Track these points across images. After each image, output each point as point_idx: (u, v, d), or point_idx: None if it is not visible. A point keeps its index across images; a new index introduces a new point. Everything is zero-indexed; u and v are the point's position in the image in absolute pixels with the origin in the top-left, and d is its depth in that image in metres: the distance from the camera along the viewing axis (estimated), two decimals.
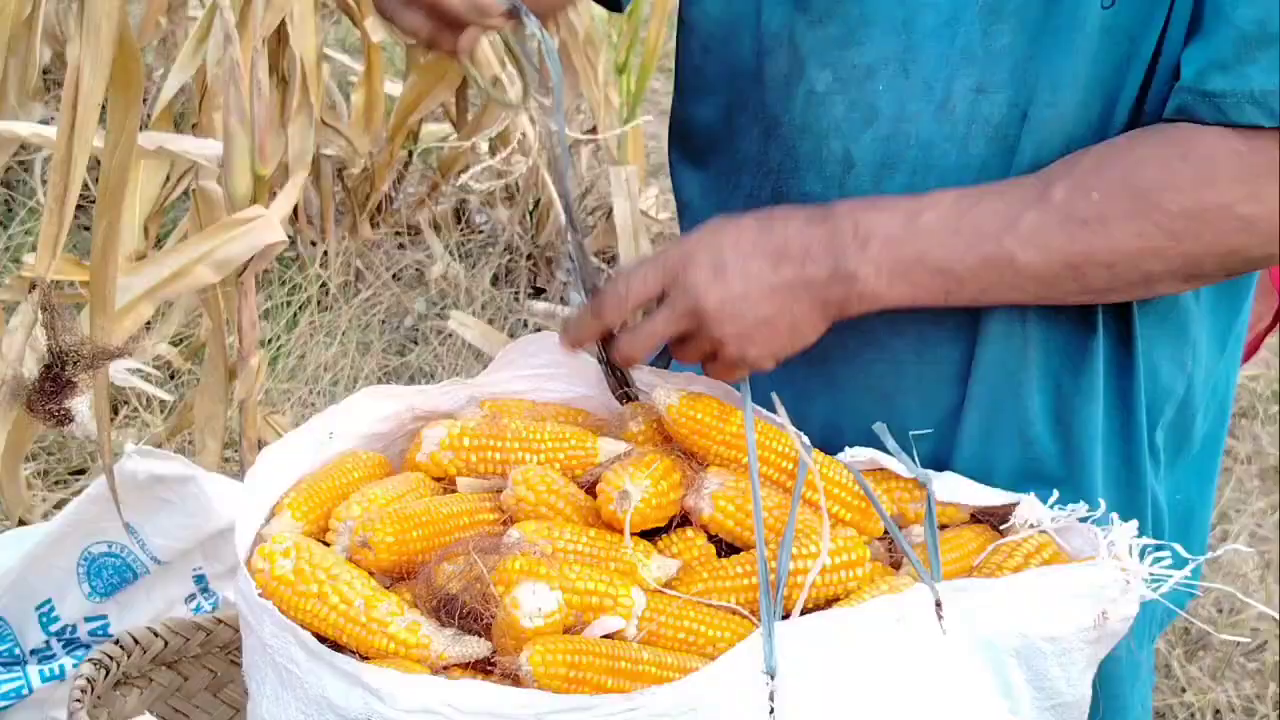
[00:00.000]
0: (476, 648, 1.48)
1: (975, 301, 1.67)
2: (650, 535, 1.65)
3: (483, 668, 1.49)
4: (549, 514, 1.63)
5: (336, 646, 1.48)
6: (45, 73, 4.71)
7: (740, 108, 1.80)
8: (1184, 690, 3.36)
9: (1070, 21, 1.60)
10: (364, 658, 1.48)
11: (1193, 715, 3.33)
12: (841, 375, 1.73)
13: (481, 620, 1.49)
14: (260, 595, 1.50)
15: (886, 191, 1.69)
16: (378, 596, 1.50)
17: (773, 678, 1.44)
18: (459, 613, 1.50)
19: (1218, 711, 3.34)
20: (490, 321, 4.55)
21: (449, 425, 1.74)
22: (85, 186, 4.31)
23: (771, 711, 1.44)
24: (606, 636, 1.51)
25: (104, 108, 2.01)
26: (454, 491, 1.71)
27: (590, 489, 1.67)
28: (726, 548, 1.65)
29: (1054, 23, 1.60)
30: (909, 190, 1.67)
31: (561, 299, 4.81)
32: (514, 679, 1.45)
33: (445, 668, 1.48)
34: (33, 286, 1.98)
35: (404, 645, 1.48)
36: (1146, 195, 1.57)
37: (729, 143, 1.83)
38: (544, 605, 1.46)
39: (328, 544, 1.60)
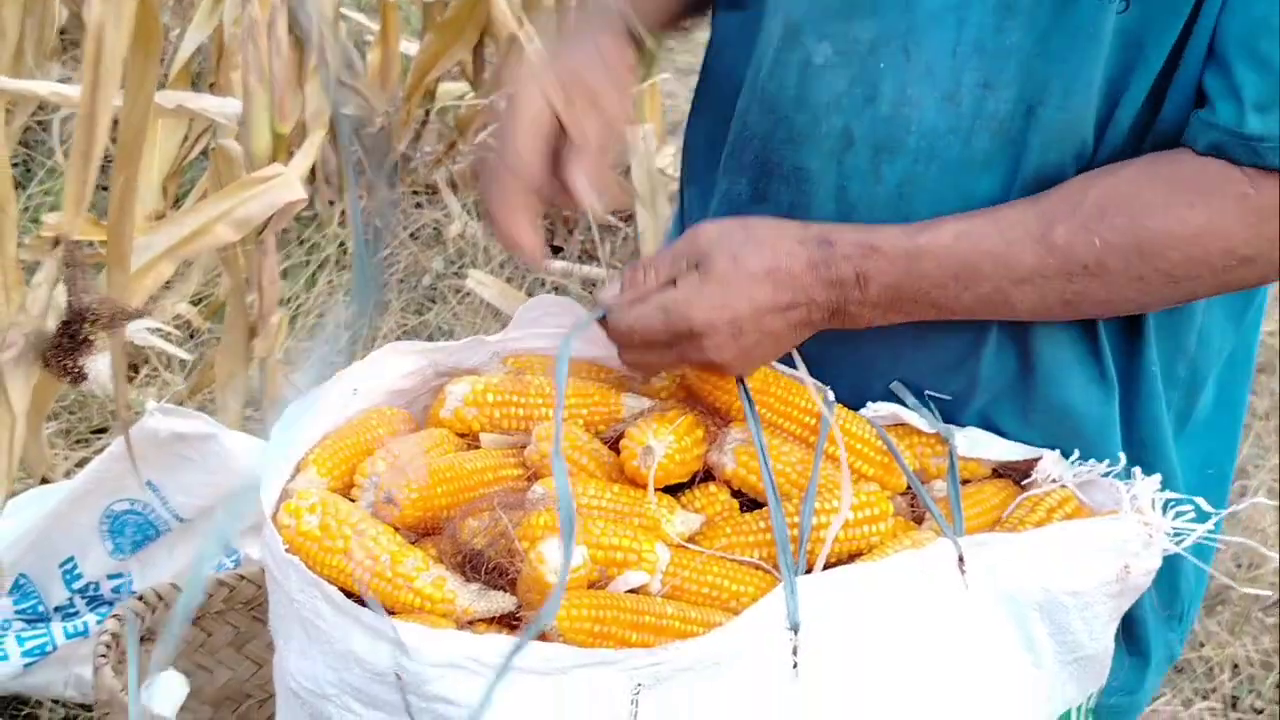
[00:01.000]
0: (502, 602, 1.49)
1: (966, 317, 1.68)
2: (674, 490, 1.66)
3: (508, 622, 1.50)
4: (573, 470, 1.64)
5: (362, 602, 1.48)
6: (62, 33, 4.71)
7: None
8: (1202, 645, 3.36)
9: (1085, 25, 1.57)
10: (390, 612, 1.48)
11: (1211, 669, 3.33)
12: (860, 336, 1.72)
13: (506, 575, 1.50)
14: (287, 550, 1.51)
15: (885, 176, 1.67)
16: (403, 552, 1.51)
17: (796, 632, 1.45)
18: (484, 568, 1.51)
19: (1236, 666, 3.34)
20: (508, 280, 4.55)
21: (472, 381, 1.75)
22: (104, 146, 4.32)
23: (795, 665, 1.45)
24: (631, 591, 1.51)
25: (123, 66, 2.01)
26: (477, 448, 1.72)
27: (613, 444, 1.68)
28: (749, 503, 1.66)
29: (1066, 23, 1.58)
30: (909, 177, 1.66)
31: (579, 257, 4.81)
32: (539, 633, 1.46)
33: (470, 622, 1.49)
34: (57, 242, 1.99)
35: (430, 600, 1.48)
36: (1150, 245, 1.56)
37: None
38: (571, 560, 1.46)
39: (353, 500, 1.61)
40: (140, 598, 2.23)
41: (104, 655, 2.06)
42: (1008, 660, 1.59)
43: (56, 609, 2.76)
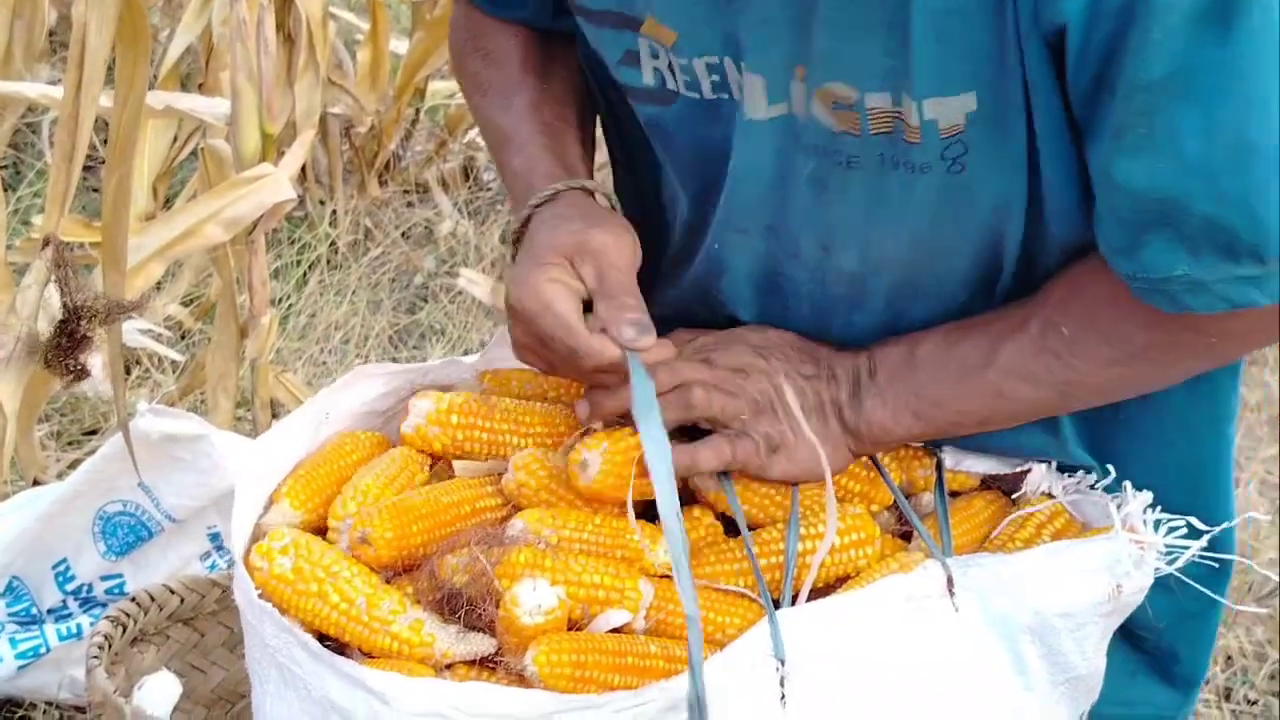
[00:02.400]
0: (481, 645, 1.46)
1: (983, 430, 1.66)
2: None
3: (488, 664, 1.47)
4: (551, 499, 1.59)
5: (340, 645, 1.46)
6: (51, 34, 4.70)
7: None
8: None
9: (902, 194, 1.53)
10: (368, 657, 1.46)
11: None
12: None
13: (486, 616, 1.46)
14: (260, 595, 1.47)
15: (769, 309, 1.68)
16: (379, 595, 1.47)
17: (782, 663, 1.42)
18: (463, 607, 1.47)
19: (1229, 657, 3.35)
20: (500, 278, 4.55)
21: (436, 399, 1.68)
22: (92, 148, 4.33)
23: (782, 697, 1.42)
24: (614, 630, 1.48)
25: (111, 67, 2.00)
26: (447, 465, 1.68)
27: None
28: (735, 524, 1.62)
29: (884, 197, 1.54)
30: (785, 310, 1.67)
31: None
32: (519, 678, 1.43)
33: (449, 666, 1.46)
34: (46, 243, 1.98)
35: (407, 644, 1.45)
36: (1112, 331, 1.54)
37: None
38: (543, 602, 1.42)
39: (327, 530, 1.57)
40: (134, 599, 2.23)
41: (97, 657, 2.06)
42: (999, 684, 1.56)
43: (49, 611, 2.75)
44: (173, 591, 2.27)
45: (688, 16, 1.55)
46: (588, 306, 1.54)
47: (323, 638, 1.46)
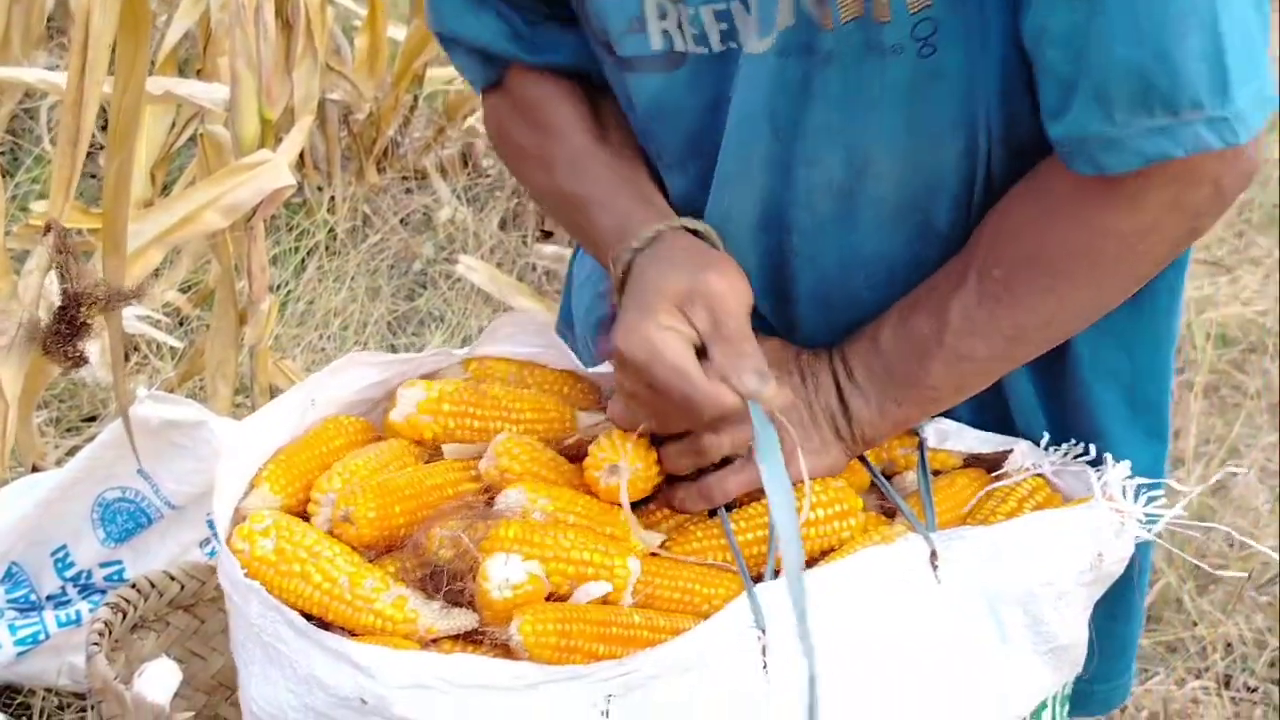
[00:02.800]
0: (464, 620, 1.46)
1: (963, 397, 1.67)
2: (644, 500, 1.63)
3: (473, 638, 1.47)
4: (536, 481, 1.59)
5: (324, 624, 1.46)
6: (49, 20, 4.69)
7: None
8: (1195, 624, 3.36)
9: (875, 82, 1.54)
10: (353, 634, 1.45)
11: (1204, 649, 3.33)
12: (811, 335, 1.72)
13: (468, 592, 1.47)
14: (245, 575, 1.47)
15: (769, 250, 1.67)
16: (361, 573, 1.48)
17: (764, 633, 1.43)
18: (445, 583, 1.48)
19: (1229, 645, 3.34)
20: (499, 265, 4.54)
21: (427, 387, 1.67)
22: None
23: (765, 666, 1.43)
24: (598, 601, 1.49)
25: (110, 52, 2.00)
26: (439, 455, 1.67)
27: (571, 456, 1.64)
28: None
29: (859, 89, 1.55)
30: (779, 246, 1.66)
31: (569, 241, 4.80)
32: (504, 649, 1.43)
33: (434, 640, 1.46)
34: (47, 229, 1.98)
35: (391, 621, 1.45)
36: (1038, 255, 1.56)
37: None
38: (512, 577, 1.43)
39: (309, 515, 1.57)
40: (134, 585, 2.23)
41: (97, 643, 2.06)
42: (983, 653, 1.57)
43: (48, 598, 2.75)
44: (173, 578, 2.28)
45: None
46: (699, 353, 1.52)
47: (307, 619, 1.45)
